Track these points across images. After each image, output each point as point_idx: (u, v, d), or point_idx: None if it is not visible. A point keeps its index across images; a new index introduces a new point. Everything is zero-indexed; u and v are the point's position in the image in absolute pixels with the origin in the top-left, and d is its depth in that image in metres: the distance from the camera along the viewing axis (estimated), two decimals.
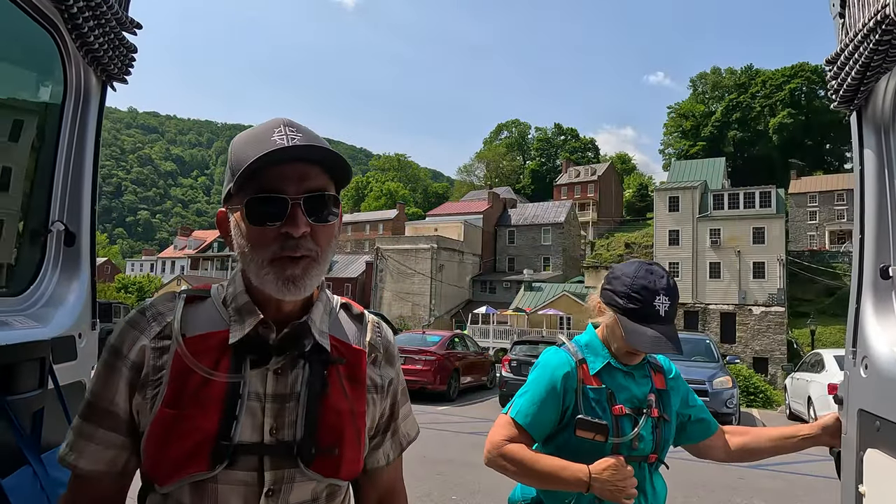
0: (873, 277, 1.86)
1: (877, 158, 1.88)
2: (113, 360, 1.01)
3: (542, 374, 1.73)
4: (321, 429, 1.01)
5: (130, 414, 1.01)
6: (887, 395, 1.67)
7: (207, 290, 1.09)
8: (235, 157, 0.99)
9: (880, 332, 1.79)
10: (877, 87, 1.84)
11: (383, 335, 1.21)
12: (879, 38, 1.58)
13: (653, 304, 1.63)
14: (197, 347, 0.99)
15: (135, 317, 1.04)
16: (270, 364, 1.01)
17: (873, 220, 1.87)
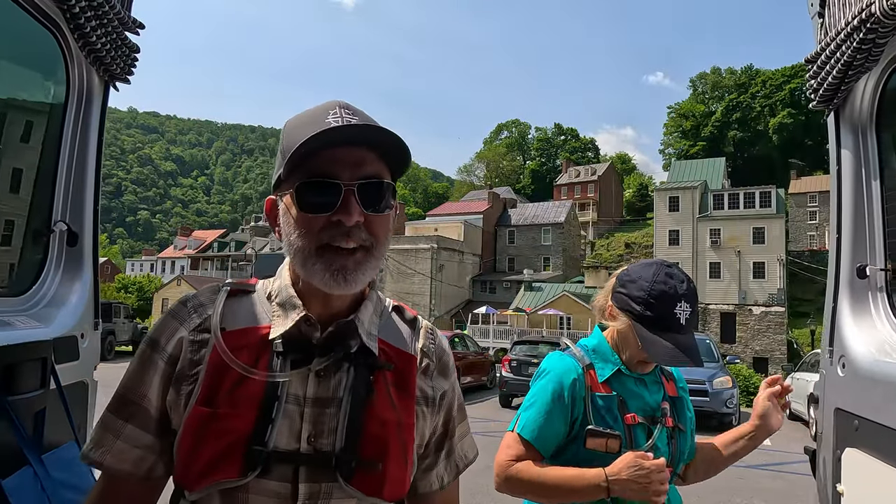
0: (850, 277, 1.87)
1: (854, 158, 1.89)
2: (149, 351, 0.95)
3: (547, 383, 1.58)
4: (364, 440, 0.92)
5: (163, 411, 0.94)
6: (866, 395, 1.68)
7: (253, 285, 1.03)
8: (287, 139, 0.92)
9: (857, 332, 1.80)
10: (855, 86, 1.85)
11: (437, 343, 1.11)
12: (863, 36, 1.58)
13: (673, 313, 1.49)
14: (236, 342, 0.92)
15: (176, 307, 0.99)
16: (313, 365, 0.92)
17: (850, 220, 1.88)
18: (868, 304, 1.84)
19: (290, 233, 0.91)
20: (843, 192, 1.91)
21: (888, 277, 1.82)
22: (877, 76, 1.80)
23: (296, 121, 0.95)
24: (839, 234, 1.91)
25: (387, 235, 0.95)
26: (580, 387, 1.55)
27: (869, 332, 1.79)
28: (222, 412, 0.88)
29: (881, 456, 1.55)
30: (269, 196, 0.99)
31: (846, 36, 1.65)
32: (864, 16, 1.55)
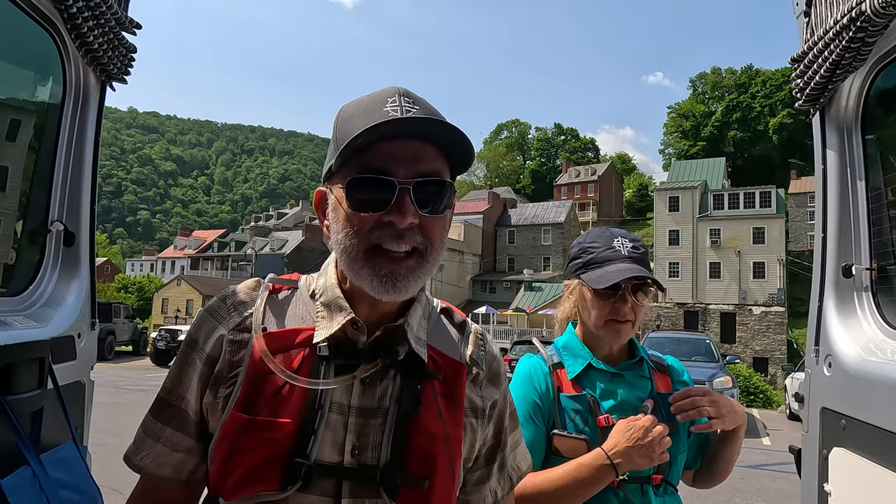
0: (835, 276, 1.87)
1: (839, 158, 1.89)
2: (188, 350, 0.91)
3: (514, 388, 1.45)
4: (410, 454, 0.86)
5: (200, 413, 0.90)
6: (853, 394, 1.67)
7: (295, 281, 0.97)
8: (342, 127, 0.85)
9: (843, 331, 1.80)
10: (841, 86, 1.84)
11: (488, 349, 1.03)
12: (853, 34, 1.58)
13: (611, 246, 1.45)
14: (278, 344, 0.86)
15: (215, 304, 0.93)
16: (358, 372, 0.86)
17: (835, 220, 1.88)
18: (853, 304, 1.84)
19: (338, 230, 0.85)
20: (829, 191, 1.91)
21: (873, 277, 1.82)
22: (863, 76, 1.80)
23: (352, 108, 0.87)
24: (825, 233, 1.91)
25: (443, 239, 0.88)
26: (546, 388, 1.45)
27: (855, 331, 1.79)
28: (261, 420, 0.83)
29: (868, 455, 1.55)
30: (319, 187, 0.93)
31: (834, 35, 1.65)
32: (854, 14, 1.55)
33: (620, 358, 1.53)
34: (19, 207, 2.04)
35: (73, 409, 1.84)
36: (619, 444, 1.31)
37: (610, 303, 1.45)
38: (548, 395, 1.45)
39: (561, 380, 1.47)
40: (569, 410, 1.43)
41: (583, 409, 1.42)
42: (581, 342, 1.53)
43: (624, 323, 1.45)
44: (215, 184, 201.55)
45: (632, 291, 1.44)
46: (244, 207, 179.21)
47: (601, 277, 1.42)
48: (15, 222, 2.06)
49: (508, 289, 50.38)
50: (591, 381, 1.47)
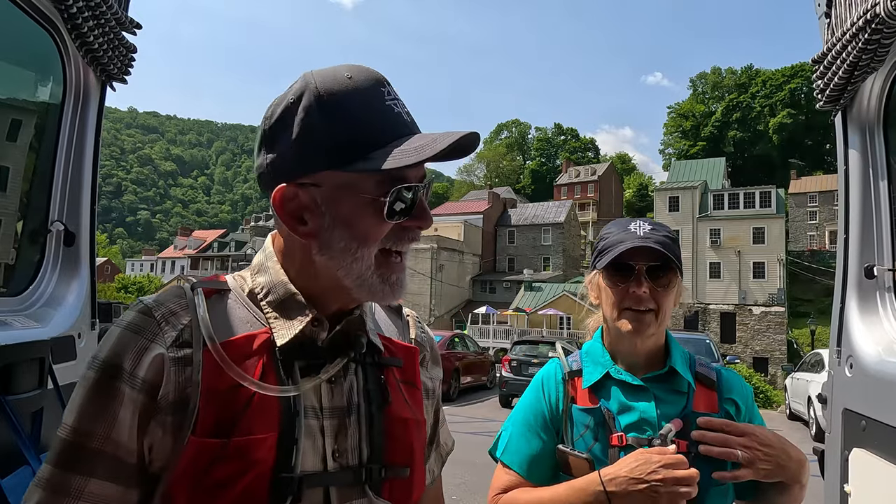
0: (858, 277, 1.87)
1: (861, 158, 1.89)
2: (108, 380, 0.74)
3: (523, 398, 1.37)
4: (389, 446, 0.84)
5: (139, 454, 0.75)
6: (873, 395, 1.67)
7: (224, 283, 0.86)
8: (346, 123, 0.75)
9: (865, 332, 1.80)
10: (862, 86, 1.85)
11: (426, 331, 1.04)
12: (868, 37, 1.59)
13: (626, 229, 1.29)
14: (234, 354, 0.77)
15: (137, 320, 0.78)
16: (322, 373, 0.81)
17: (858, 220, 1.88)
18: (876, 304, 1.84)
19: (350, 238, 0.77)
20: (851, 192, 1.90)
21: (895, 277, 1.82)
22: (884, 76, 1.80)
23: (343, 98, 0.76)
24: (847, 234, 1.91)
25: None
26: (557, 398, 1.31)
27: (877, 332, 1.79)
28: (238, 441, 0.73)
29: (888, 456, 1.55)
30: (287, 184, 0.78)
31: (852, 36, 1.65)
32: (869, 16, 1.56)
33: (650, 368, 1.31)
34: (19, 207, 2.04)
35: None
36: (621, 472, 1.12)
37: (623, 288, 1.27)
38: (558, 405, 1.30)
39: (576, 389, 1.30)
40: (579, 425, 1.26)
41: (594, 424, 1.25)
42: (604, 347, 1.35)
43: (642, 312, 1.25)
44: (215, 184, 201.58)
45: (650, 276, 1.25)
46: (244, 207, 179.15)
47: (609, 257, 1.26)
48: (15, 222, 2.06)
49: (508, 289, 50.38)
50: (609, 393, 1.28)
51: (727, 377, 1.35)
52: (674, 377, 1.29)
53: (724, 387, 1.32)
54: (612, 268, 1.28)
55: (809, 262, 48.11)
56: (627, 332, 1.27)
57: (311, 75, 0.79)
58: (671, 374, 1.30)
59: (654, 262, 1.26)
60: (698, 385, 1.30)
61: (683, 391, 1.28)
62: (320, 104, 0.76)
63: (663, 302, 1.26)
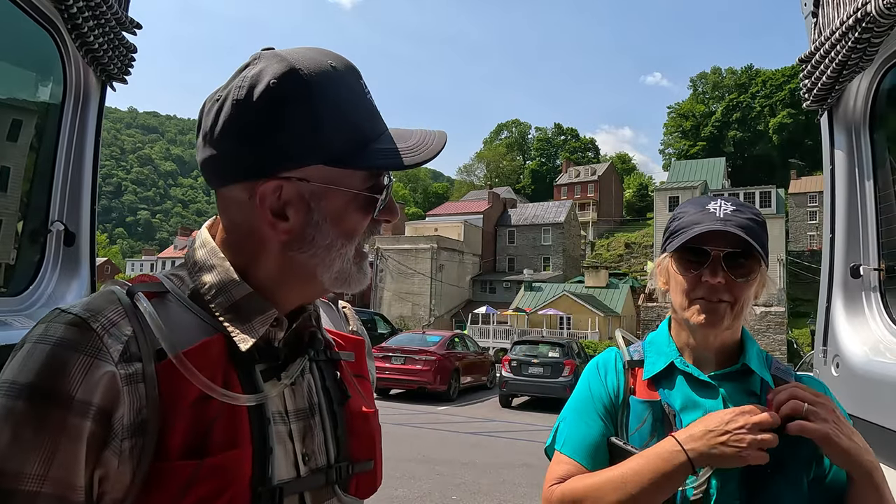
0: (844, 276, 1.87)
1: (847, 158, 1.90)
2: (40, 409, 0.61)
3: (578, 385, 1.27)
4: (354, 441, 0.83)
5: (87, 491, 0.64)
6: (860, 394, 1.68)
7: (160, 283, 0.76)
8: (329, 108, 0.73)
9: (851, 332, 1.81)
10: (849, 86, 1.85)
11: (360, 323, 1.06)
12: (859, 35, 1.59)
13: (704, 208, 1.15)
14: (194, 363, 0.68)
15: (70, 334, 0.64)
16: (288, 373, 0.78)
17: (843, 220, 1.89)
18: (862, 304, 1.85)
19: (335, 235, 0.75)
20: (837, 191, 1.92)
21: (881, 277, 1.83)
22: (871, 76, 1.81)
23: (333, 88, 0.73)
24: (833, 233, 1.92)
25: None
26: (617, 385, 1.21)
27: (863, 331, 1.80)
28: (212, 461, 0.66)
29: (876, 455, 1.55)
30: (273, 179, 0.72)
31: (841, 35, 1.66)
32: (860, 15, 1.56)
33: (721, 364, 1.18)
34: (20, 207, 2.04)
35: None
36: (696, 430, 1.02)
37: (695, 275, 1.13)
38: (618, 394, 1.19)
39: (636, 380, 1.20)
40: (637, 418, 1.15)
41: (653, 418, 1.14)
42: (670, 337, 1.23)
43: (715, 303, 1.11)
44: None
45: (728, 263, 1.11)
46: None
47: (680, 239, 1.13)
48: (15, 222, 2.06)
49: (508, 289, 50.38)
50: (673, 387, 1.16)
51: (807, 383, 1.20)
52: (747, 377, 1.16)
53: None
54: (684, 252, 1.14)
55: (809, 262, 48.12)
56: (698, 325, 1.13)
57: (288, 57, 0.73)
58: (744, 372, 1.16)
59: (734, 248, 1.11)
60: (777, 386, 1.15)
61: (757, 393, 1.14)
62: (313, 92, 0.71)
63: (741, 294, 1.12)
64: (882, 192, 1.86)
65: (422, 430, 10.49)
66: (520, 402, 14.99)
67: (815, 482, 1.09)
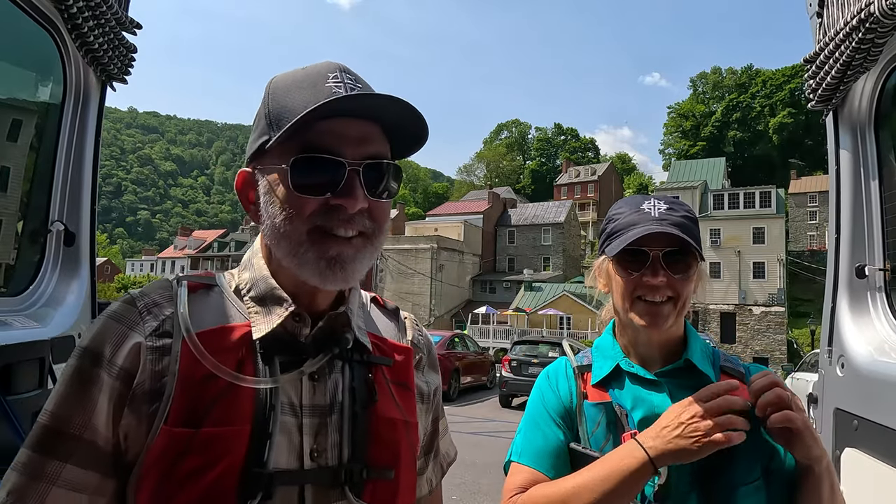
0: (849, 276, 1.87)
1: (852, 158, 1.90)
2: (89, 367, 0.74)
3: (532, 395, 1.28)
4: (373, 446, 0.81)
5: (114, 442, 0.74)
6: (865, 394, 1.68)
7: (212, 278, 0.87)
8: (276, 101, 0.78)
9: (856, 332, 1.81)
10: (854, 86, 1.85)
11: (424, 334, 1.02)
12: (863, 36, 1.59)
13: (639, 209, 1.16)
14: (211, 345, 0.76)
15: (120, 309, 0.78)
16: (305, 367, 0.79)
17: (849, 220, 1.89)
18: (867, 304, 1.85)
19: (276, 215, 0.77)
20: (842, 192, 1.91)
21: (887, 277, 1.82)
22: (875, 76, 1.81)
23: (286, 81, 0.80)
24: (838, 234, 1.91)
25: (388, 224, 0.83)
26: (569, 392, 1.21)
27: (868, 331, 1.80)
28: (208, 431, 0.72)
29: (880, 456, 1.55)
30: (243, 168, 0.83)
31: (845, 36, 1.66)
32: (864, 15, 1.56)
33: (666, 361, 1.19)
34: (20, 207, 2.04)
35: None
36: (654, 429, 1.02)
37: (636, 277, 1.13)
38: (571, 400, 1.20)
39: (587, 385, 1.20)
40: (591, 421, 1.16)
41: (606, 420, 1.14)
42: (614, 340, 1.24)
43: (658, 304, 1.12)
44: (215, 184, 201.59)
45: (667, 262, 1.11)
46: None
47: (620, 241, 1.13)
48: (15, 222, 2.06)
49: (508, 289, 50.38)
50: (621, 387, 1.18)
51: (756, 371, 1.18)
52: (693, 372, 1.16)
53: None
54: (623, 254, 1.14)
55: (809, 262, 48.12)
56: (642, 326, 1.14)
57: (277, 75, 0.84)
58: (689, 368, 1.16)
59: (671, 247, 1.11)
60: (725, 376, 1.17)
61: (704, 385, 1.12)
62: (269, 95, 0.80)
63: (682, 290, 1.13)
64: (887, 192, 1.86)
65: None
66: (520, 402, 15.00)
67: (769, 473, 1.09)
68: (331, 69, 0.79)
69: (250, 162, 0.82)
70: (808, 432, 1.00)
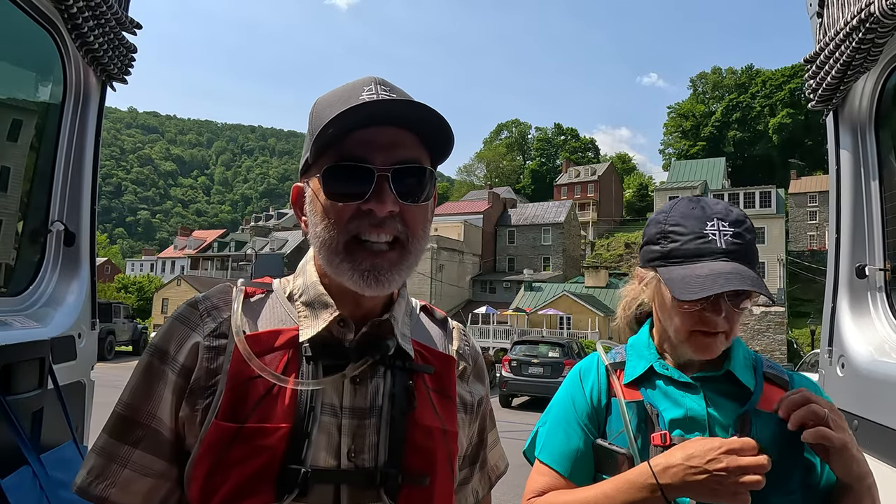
0: (849, 277, 1.87)
1: (853, 158, 1.90)
2: (158, 363, 0.83)
3: (559, 391, 1.26)
4: (409, 451, 0.83)
5: (176, 431, 0.82)
6: (865, 395, 1.68)
7: (269, 284, 0.92)
8: (316, 118, 0.83)
9: (857, 332, 1.81)
10: (854, 86, 1.85)
11: (471, 345, 1.04)
12: (863, 36, 1.59)
13: (702, 233, 1.07)
14: (260, 347, 0.82)
15: (184, 311, 0.87)
16: (347, 370, 0.82)
17: (849, 220, 1.89)
18: (867, 304, 1.85)
19: (317, 223, 0.82)
20: (842, 191, 1.91)
21: (887, 277, 1.82)
22: (875, 76, 1.81)
23: (327, 99, 0.85)
24: (838, 233, 1.91)
25: (425, 229, 0.85)
26: (599, 390, 1.19)
27: (868, 331, 1.80)
28: (251, 427, 0.77)
29: (880, 456, 1.55)
30: (296, 183, 0.89)
31: (845, 36, 1.66)
32: (864, 15, 1.56)
33: (704, 367, 1.15)
34: (20, 207, 2.04)
35: (73, 410, 1.84)
36: (674, 461, 0.98)
37: (698, 311, 1.08)
38: (599, 398, 1.18)
39: (619, 382, 1.18)
40: (620, 420, 1.13)
41: (637, 420, 1.11)
42: (650, 340, 1.21)
43: (714, 336, 1.08)
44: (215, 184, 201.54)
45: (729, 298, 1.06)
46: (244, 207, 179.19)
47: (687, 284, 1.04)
48: (15, 222, 2.06)
49: (508, 289, 50.38)
50: (655, 388, 1.14)
51: (799, 381, 1.17)
52: (732, 378, 1.12)
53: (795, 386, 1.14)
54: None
55: (809, 262, 48.11)
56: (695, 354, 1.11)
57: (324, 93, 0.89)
58: (728, 378, 1.12)
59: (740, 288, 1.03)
60: (767, 384, 1.12)
61: (740, 388, 1.12)
62: (313, 110, 0.85)
63: (735, 322, 1.09)
64: (887, 192, 1.86)
65: None
66: (520, 402, 14.99)
67: (806, 489, 1.06)
68: (366, 83, 0.83)
69: (301, 176, 0.88)
70: (847, 450, 0.97)
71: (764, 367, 1.16)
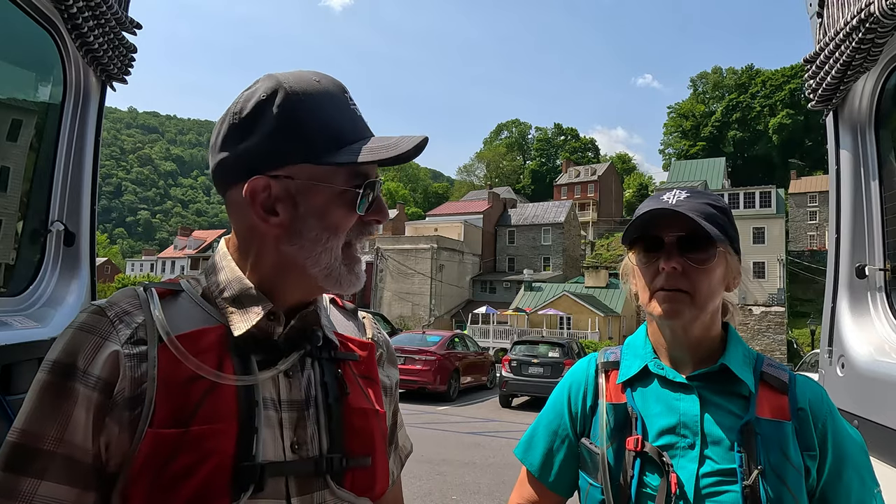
0: (849, 277, 1.87)
1: (853, 158, 1.90)
2: (61, 380, 0.75)
3: (553, 392, 1.27)
4: (349, 436, 0.86)
5: (95, 454, 0.74)
6: (865, 395, 1.68)
7: (178, 284, 0.89)
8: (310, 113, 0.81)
9: (857, 332, 1.81)
10: (854, 86, 1.85)
11: (382, 332, 1.08)
12: (863, 36, 1.59)
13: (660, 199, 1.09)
14: (189, 348, 0.78)
15: (88, 319, 0.79)
16: (280, 364, 0.83)
17: (849, 220, 1.89)
18: (867, 304, 1.85)
19: (317, 226, 0.82)
20: (842, 191, 1.91)
21: (887, 277, 1.83)
22: (875, 76, 1.81)
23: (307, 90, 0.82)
24: (838, 233, 1.92)
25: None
26: (585, 392, 1.18)
27: (868, 331, 1.80)
28: (197, 430, 0.74)
29: (881, 456, 1.55)
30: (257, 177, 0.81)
31: (845, 36, 1.66)
32: (864, 15, 1.56)
33: (700, 364, 1.11)
34: (19, 207, 2.04)
35: None
36: None
37: (654, 265, 1.08)
38: (585, 400, 1.18)
39: (610, 383, 1.16)
40: (602, 422, 1.12)
41: (617, 422, 1.10)
42: (647, 338, 1.18)
43: (672, 292, 1.05)
44: None
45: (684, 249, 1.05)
46: None
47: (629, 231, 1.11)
48: (15, 222, 2.05)
49: (508, 289, 50.38)
50: (647, 390, 1.12)
51: (802, 383, 1.11)
52: (731, 379, 1.07)
53: (797, 392, 1.08)
54: (640, 243, 1.11)
55: (809, 262, 48.13)
56: (659, 316, 1.07)
57: (279, 76, 0.84)
58: (725, 372, 1.08)
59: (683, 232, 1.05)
60: (764, 387, 1.07)
61: (742, 394, 1.06)
62: (296, 101, 0.80)
63: (701, 282, 1.05)
64: (887, 192, 1.86)
65: (422, 431, 10.47)
66: (520, 402, 14.99)
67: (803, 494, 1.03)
68: (341, 88, 0.86)
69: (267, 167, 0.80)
70: None
71: (763, 367, 1.11)
